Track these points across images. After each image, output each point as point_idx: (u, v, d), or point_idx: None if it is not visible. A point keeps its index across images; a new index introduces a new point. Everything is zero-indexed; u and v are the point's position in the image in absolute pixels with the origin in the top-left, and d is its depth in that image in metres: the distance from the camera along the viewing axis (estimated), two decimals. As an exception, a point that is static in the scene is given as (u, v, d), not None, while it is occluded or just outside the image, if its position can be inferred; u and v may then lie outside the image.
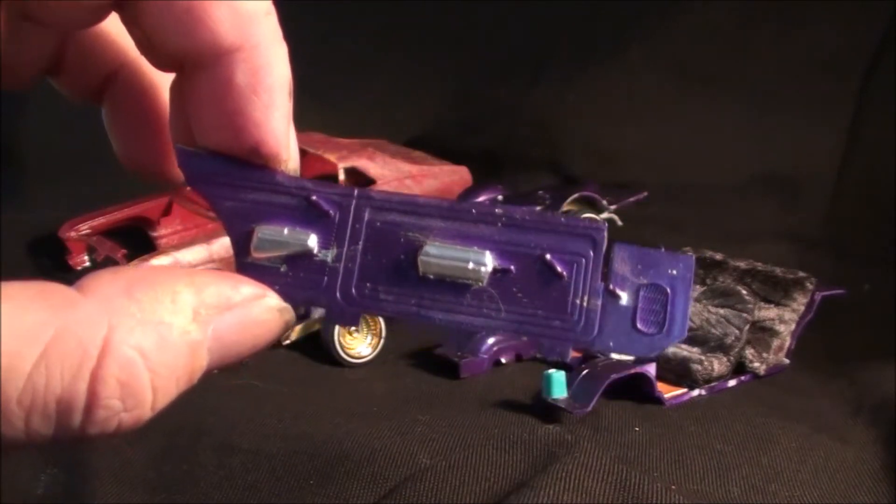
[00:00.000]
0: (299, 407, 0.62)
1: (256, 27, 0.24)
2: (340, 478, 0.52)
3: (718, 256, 0.76)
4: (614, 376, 0.60)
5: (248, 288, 0.24)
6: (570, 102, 1.11)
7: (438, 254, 0.25)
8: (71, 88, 0.27)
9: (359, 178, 0.92)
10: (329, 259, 0.26)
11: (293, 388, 0.66)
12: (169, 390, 0.22)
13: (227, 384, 0.67)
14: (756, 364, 0.68)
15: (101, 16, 0.24)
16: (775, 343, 0.70)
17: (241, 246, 0.26)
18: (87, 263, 0.88)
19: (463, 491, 0.50)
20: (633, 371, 0.62)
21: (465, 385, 0.67)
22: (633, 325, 0.25)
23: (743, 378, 0.68)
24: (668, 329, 0.25)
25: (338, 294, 0.26)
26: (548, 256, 0.25)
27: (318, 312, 0.76)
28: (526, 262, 0.25)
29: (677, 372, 0.65)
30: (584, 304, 0.25)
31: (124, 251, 0.83)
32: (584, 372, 0.61)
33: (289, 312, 0.25)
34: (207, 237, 0.79)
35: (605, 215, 0.87)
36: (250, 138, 0.25)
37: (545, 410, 0.60)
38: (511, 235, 0.25)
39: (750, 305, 0.68)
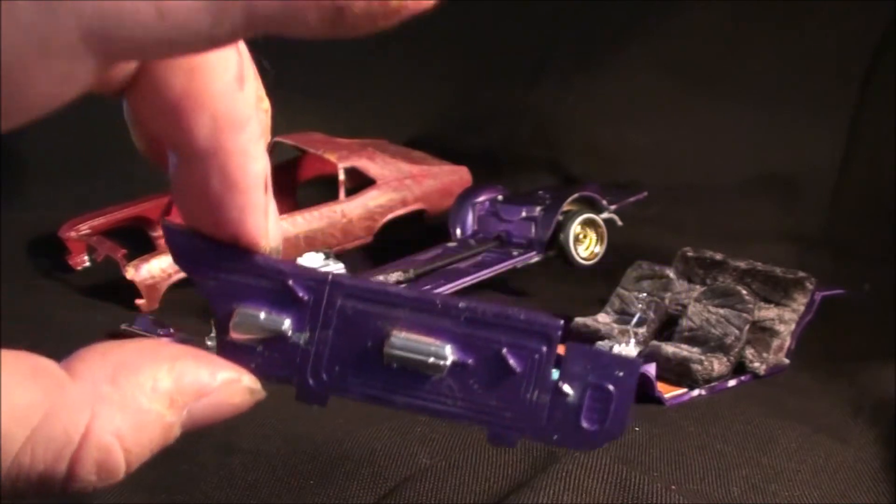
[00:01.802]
0: (299, 407, 0.62)
1: (234, 135, 0.24)
2: (340, 478, 0.52)
3: (718, 256, 0.76)
4: (614, 376, 0.60)
5: (224, 374, 0.26)
6: (570, 102, 1.11)
7: (402, 345, 0.26)
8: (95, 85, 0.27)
9: (359, 177, 0.92)
10: (302, 342, 0.27)
11: (293, 388, 0.66)
12: (141, 459, 0.24)
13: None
14: (756, 364, 0.68)
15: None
16: (775, 343, 0.70)
17: (223, 324, 0.27)
18: (87, 263, 0.88)
19: (463, 491, 0.50)
20: (633, 371, 0.62)
21: (465, 385, 0.67)
22: (577, 421, 0.26)
23: (743, 378, 0.68)
24: (609, 427, 0.26)
25: (308, 375, 0.28)
26: (504, 351, 0.26)
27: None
28: (484, 356, 0.26)
29: (677, 372, 0.65)
30: (535, 398, 0.26)
31: (124, 251, 0.83)
32: (584, 372, 0.61)
33: (260, 393, 0.28)
34: None
35: (605, 215, 0.87)
36: (227, 232, 0.26)
37: (545, 410, 0.60)
38: (472, 330, 0.26)
39: (750, 305, 0.68)
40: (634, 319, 0.73)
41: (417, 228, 0.95)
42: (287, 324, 0.27)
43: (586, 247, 0.86)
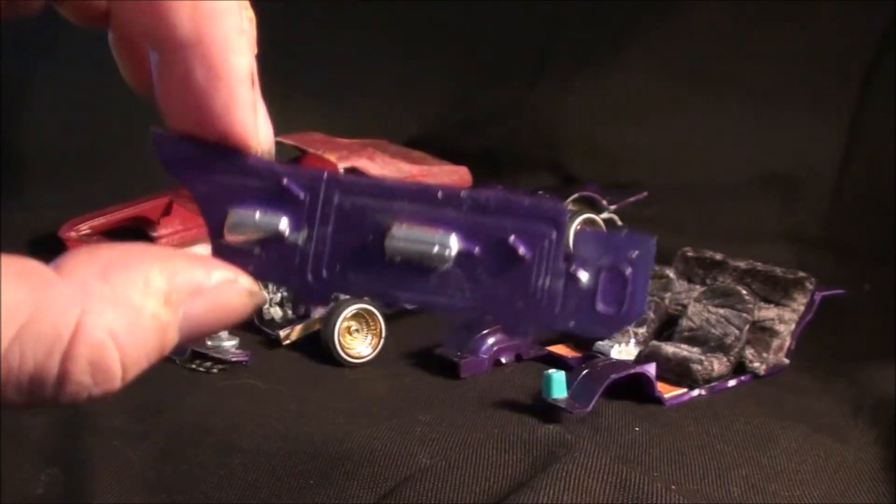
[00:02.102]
0: (299, 407, 0.62)
1: (216, 23, 0.24)
2: (340, 478, 0.52)
3: (718, 256, 0.76)
4: (614, 376, 0.60)
5: (219, 273, 0.24)
6: (570, 102, 1.11)
7: (404, 237, 0.25)
8: (76, 14, 0.27)
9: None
10: (300, 241, 0.26)
11: (293, 388, 0.66)
12: (138, 365, 0.23)
13: (227, 384, 0.67)
14: (756, 364, 0.68)
15: None
16: (775, 343, 0.70)
17: (216, 228, 0.26)
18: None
19: (463, 491, 0.50)
20: (633, 371, 0.62)
21: (465, 385, 0.67)
22: (593, 306, 0.25)
23: (743, 378, 0.68)
24: (627, 310, 0.25)
25: (308, 275, 0.26)
26: (511, 239, 0.25)
27: (317, 312, 0.76)
28: (490, 244, 0.25)
29: (677, 372, 0.65)
30: (546, 285, 0.25)
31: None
32: (584, 372, 0.61)
33: (259, 295, 0.26)
34: (208, 238, 0.79)
35: (605, 215, 0.87)
36: (216, 129, 0.25)
37: (545, 410, 0.60)
38: (476, 218, 0.25)
39: (750, 305, 0.68)
40: (634, 319, 0.73)
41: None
42: (284, 223, 0.26)
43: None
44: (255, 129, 0.26)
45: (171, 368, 0.70)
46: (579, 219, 0.84)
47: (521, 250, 0.25)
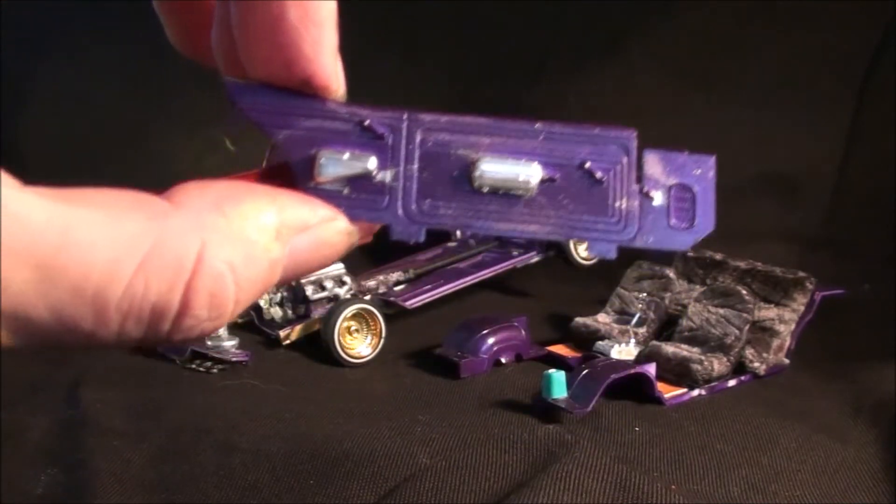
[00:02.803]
0: (299, 407, 0.62)
1: None
2: (340, 478, 0.52)
3: (718, 256, 0.76)
4: (614, 376, 0.60)
5: (323, 210, 0.25)
6: (570, 102, 1.11)
7: (492, 168, 0.27)
8: None
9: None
10: (388, 179, 0.27)
11: (293, 388, 0.66)
12: (247, 301, 0.23)
13: (227, 384, 0.67)
14: (756, 364, 0.68)
15: None
16: (775, 343, 0.70)
17: (303, 172, 0.27)
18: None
19: (463, 491, 0.50)
20: (633, 371, 0.62)
21: (465, 385, 0.67)
22: (668, 222, 0.27)
23: (743, 378, 0.68)
24: (699, 223, 0.27)
25: (400, 211, 0.27)
26: (587, 164, 0.27)
27: (317, 312, 0.76)
28: (568, 170, 0.27)
29: (677, 372, 0.65)
30: (624, 205, 0.27)
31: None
32: (584, 372, 0.61)
33: (355, 235, 0.26)
34: None
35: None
36: (302, 72, 0.25)
37: (545, 410, 0.60)
38: (552, 147, 0.27)
39: (750, 305, 0.68)
40: (634, 319, 0.73)
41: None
42: (372, 162, 0.27)
43: (586, 246, 0.86)
44: (337, 73, 0.26)
45: (171, 368, 0.70)
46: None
47: (598, 174, 0.27)
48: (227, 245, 0.22)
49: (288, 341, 0.75)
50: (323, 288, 0.77)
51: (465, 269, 0.84)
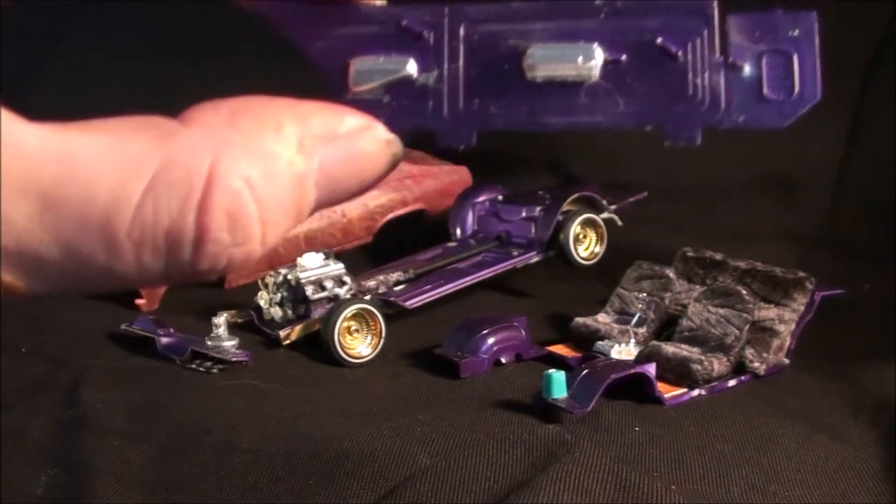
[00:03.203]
0: (299, 407, 0.62)
1: None
2: (340, 478, 0.52)
3: (718, 256, 0.76)
4: (614, 376, 0.60)
5: (353, 119, 0.23)
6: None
7: (544, 55, 0.24)
8: None
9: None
10: (431, 82, 0.25)
11: (293, 388, 0.66)
12: (278, 224, 0.21)
13: (227, 384, 0.67)
14: (756, 364, 0.68)
15: None
16: (775, 343, 0.70)
17: (339, 83, 0.25)
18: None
19: (463, 491, 0.50)
20: (633, 371, 0.62)
21: (465, 385, 0.67)
22: (761, 95, 0.24)
23: (743, 378, 0.68)
24: (800, 92, 0.24)
25: (446, 114, 0.25)
26: (659, 39, 0.24)
27: (317, 312, 0.76)
28: (637, 49, 0.24)
29: (677, 372, 0.65)
30: (706, 81, 0.24)
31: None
32: (584, 372, 0.61)
33: (396, 144, 0.24)
34: None
35: (605, 215, 0.87)
36: None
37: (545, 410, 0.60)
38: (616, 24, 0.24)
39: (750, 305, 0.68)
40: (634, 319, 0.73)
41: (417, 228, 0.95)
42: (411, 64, 0.25)
43: (586, 247, 0.86)
44: None
45: (171, 368, 0.70)
46: (579, 219, 0.84)
47: (672, 49, 0.24)
48: (243, 159, 0.20)
49: (288, 341, 0.75)
50: (323, 288, 0.77)
51: (465, 269, 0.84)
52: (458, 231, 0.90)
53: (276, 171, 0.20)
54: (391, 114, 0.24)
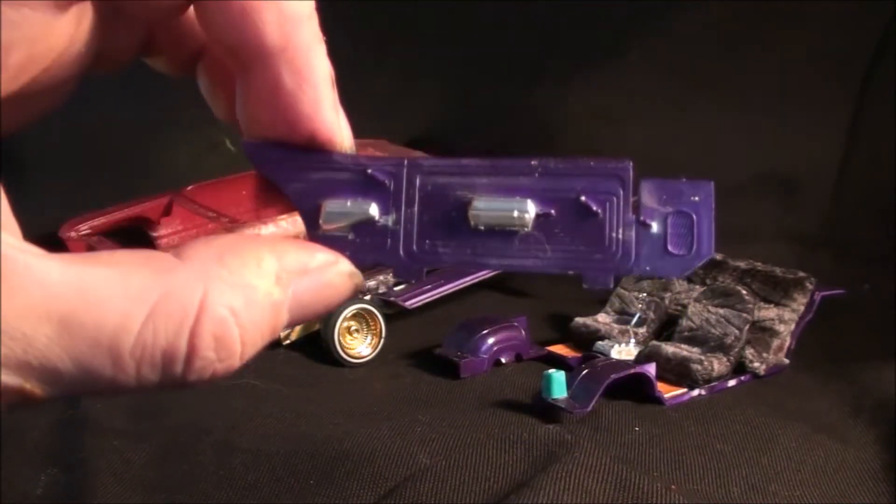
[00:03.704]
0: (299, 407, 0.62)
1: (300, 29, 0.27)
2: (340, 478, 0.52)
3: (718, 256, 0.76)
4: (614, 376, 0.60)
5: (322, 255, 0.27)
6: (570, 102, 1.11)
7: (486, 207, 0.28)
8: (165, 67, 0.31)
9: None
10: (390, 223, 0.28)
11: (293, 388, 0.66)
12: (255, 342, 0.25)
13: (227, 384, 0.67)
14: (756, 364, 0.68)
15: (182, 11, 0.28)
16: (775, 343, 0.70)
17: (311, 220, 0.29)
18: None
19: (463, 491, 0.50)
20: (633, 371, 0.62)
21: (465, 385, 0.67)
22: (665, 250, 0.27)
23: (743, 378, 0.68)
24: (697, 250, 0.27)
25: (401, 253, 0.29)
26: (583, 198, 0.28)
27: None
28: (564, 205, 0.28)
29: (677, 372, 0.65)
30: (620, 236, 0.27)
31: (124, 251, 0.83)
32: (584, 372, 0.61)
33: (358, 276, 0.28)
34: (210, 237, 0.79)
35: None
36: (304, 130, 0.28)
37: (545, 410, 0.60)
38: (548, 183, 0.28)
39: (750, 305, 0.68)
40: (634, 319, 0.73)
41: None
42: (373, 208, 0.28)
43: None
44: (339, 126, 0.28)
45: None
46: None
47: (593, 207, 0.27)
48: (228, 291, 0.24)
49: (288, 341, 0.75)
50: (323, 288, 0.76)
51: (465, 269, 0.84)
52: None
53: (255, 301, 0.25)
54: (355, 250, 0.28)
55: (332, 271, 0.27)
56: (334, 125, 0.28)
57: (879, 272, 0.87)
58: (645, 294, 0.74)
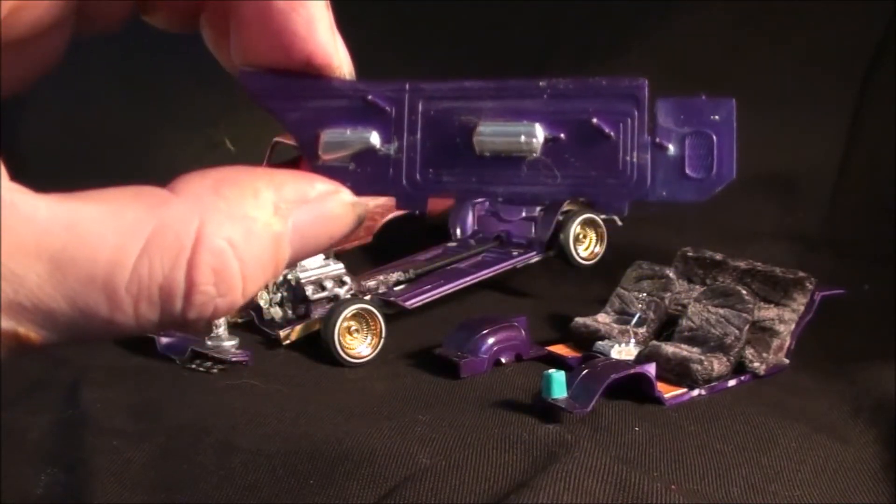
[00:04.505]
0: (299, 407, 0.62)
1: None
2: (340, 478, 0.52)
3: (718, 256, 0.76)
4: (614, 376, 0.60)
5: (322, 185, 0.26)
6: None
7: (491, 132, 0.26)
8: (163, 22, 0.29)
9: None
10: (392, 152, 0.27)
11: (293, 388, 0.66)
12: (257, 278, 0.24)
13: (227, 384, 0.67)
14: (756, 364, 0.68)
15: None
16: (775, 343, 0.70)
17: (310, 151, 0.28)
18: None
19: (463, 491, 0.50)
20: (633, 371, 0.62)
21: (465, 385, 0.67)
22: (683, 173, 0.26)
23: (743, 378, 0.68)
24: (718, 171, 0.26)
25: (404, 183, 0.27)
26: (594, 120, 0.26)
27: (317, 312, 0.76)
28: (574, 127, 0.26)
29: (677, 372, 0.65)
30: (635, 159, 0.26)
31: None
32: (584, 372, 0.61)
33: (360, 206, 0.27)
34: None
35: (604, 215, 0.87)
36: (300, 53, 0.26)
37: (545, 410, 0.60)
38: (557, 105, 0.26)
39: (750, 305, 0.68)
40: (634, 319, 0.73)
41: (417, 228, 0.95)
42: (374, 136, 0.27)
43: (586, 247, 0.86)
44: (336, 49, 0.27)
45: (171, 368, 0.70)
46: (579, 219, 0.84)
47: (606, 129, 0.26)
48: (226, 223, 0.23)
49: (288, 341, 0.75)
50: (323, 288, 0.77)
51: (465, 269, 0.84)
52: (458, 231, 0.90)
53: (254, 233, 0.24)
54: (356, 180, 0.27)
55: (333, 201, 0.26)
56: (330, 47, 0.27)
57: (879, 272, 0.87)
58: (645, 294, 0.74)
